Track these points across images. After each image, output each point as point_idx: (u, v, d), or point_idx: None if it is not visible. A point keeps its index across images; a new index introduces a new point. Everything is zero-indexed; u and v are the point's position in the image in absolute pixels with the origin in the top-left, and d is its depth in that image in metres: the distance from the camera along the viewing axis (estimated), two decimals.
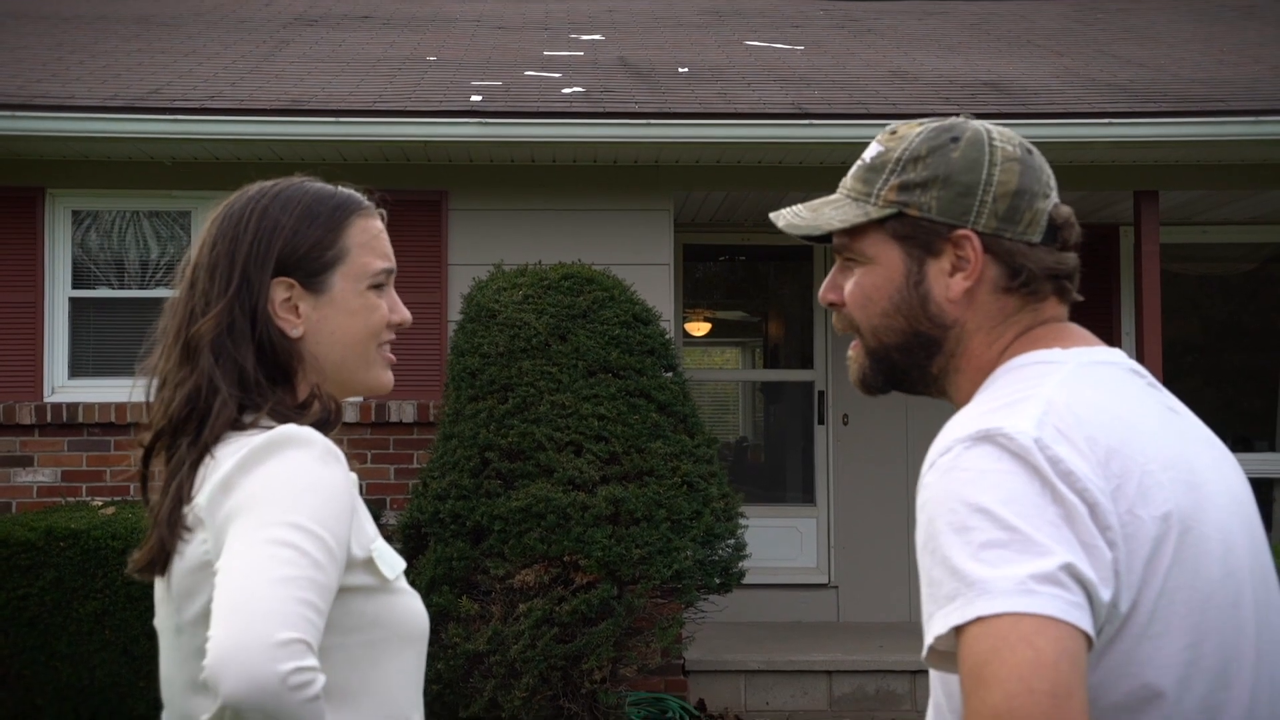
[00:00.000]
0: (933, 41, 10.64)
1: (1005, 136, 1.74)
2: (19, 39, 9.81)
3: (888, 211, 1.74)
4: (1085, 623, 1.40)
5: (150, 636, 1.97)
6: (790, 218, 1.85)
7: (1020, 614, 1.38)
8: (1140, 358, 7.91)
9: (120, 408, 7.87)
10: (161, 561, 1.82)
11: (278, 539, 1.67)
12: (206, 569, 1.75)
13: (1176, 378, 8.63)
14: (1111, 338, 9.04)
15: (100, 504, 7.40)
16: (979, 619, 1.39)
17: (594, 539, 6.55)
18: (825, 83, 8.90)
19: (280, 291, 1.92)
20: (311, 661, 1.59)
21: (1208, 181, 8.58)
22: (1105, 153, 8.13)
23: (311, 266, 1.94)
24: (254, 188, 2.00)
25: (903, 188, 1.73)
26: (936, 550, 1.47)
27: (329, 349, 1.95)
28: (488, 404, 6.85)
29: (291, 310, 1.93)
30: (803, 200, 1.90)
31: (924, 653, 1.49)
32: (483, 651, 6.55)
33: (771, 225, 1.89)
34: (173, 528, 1.80)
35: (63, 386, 8.12)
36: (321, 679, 1.60)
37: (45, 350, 8.09)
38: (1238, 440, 9.67)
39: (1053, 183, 1.74)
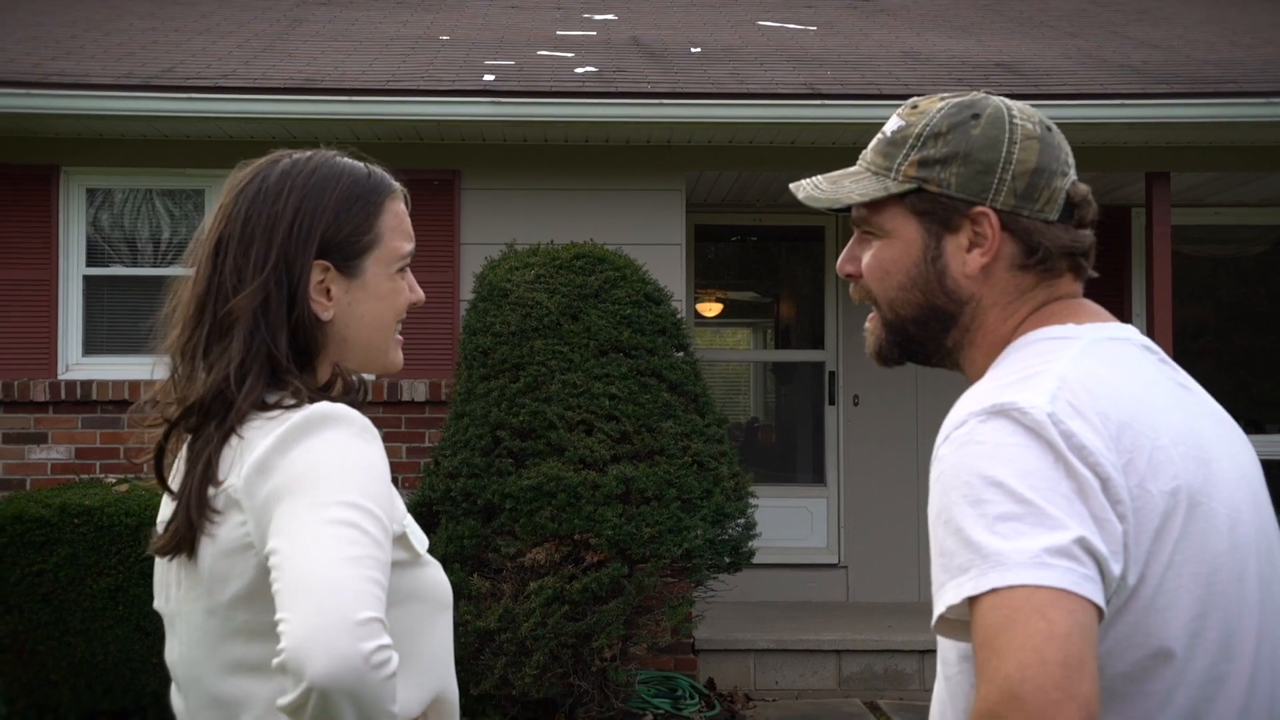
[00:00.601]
0: (945, 22, 10.62)
1: (1025, 114, 1.75)
2: (34, 17, 9.83)
3: (907, 187, 1.76)
4: (1097, 595, 1.42)
5: None
6: (810, 189, 1.87)
7: (1034, 586, 1.40)
8: (1151, 339, 7.90)
9: (134, 385, 7.89)
10: (189, 542, 1.79)
11: (337, 518, 1.64)
12: (245, 551, 1.73)
13: (1187, 360, 8.57)
14: (1123, 319, 8.96)
15: (114, 481, 7.43)
16: (993, 590, 1.42)
17: (604, 518, 6.57)
18: (838, 63, 8.89)
19: (316, 274, 1.90)
20: (388, 639, 1.58)
21: (1220, 163, 8.57)
22: (1117, 134, 8.12)
23: (349, 250, 1.92)
24: (284, 160, 1.96)
25: (923, 163, 1.75)
26: (950, 521, 1.49)
27: (356, 332, 1.94)
28: (499, 383, 6.87)
29: (323, 293, 1.91)
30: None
31: (934, 620, 1.51)
32: (493, 629, 6.58)
33: (784, 205, 1.93)
34: (201, 509, 1.77)
35: (77, 364, 8.16)
36: (396, 656, 1.59)
37: (59, 328, 8.12)
38: (1249, 423, 9.66)
39: (1071, 160, 1.76)
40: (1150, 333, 8.09)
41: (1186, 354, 8.82)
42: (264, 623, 1.71)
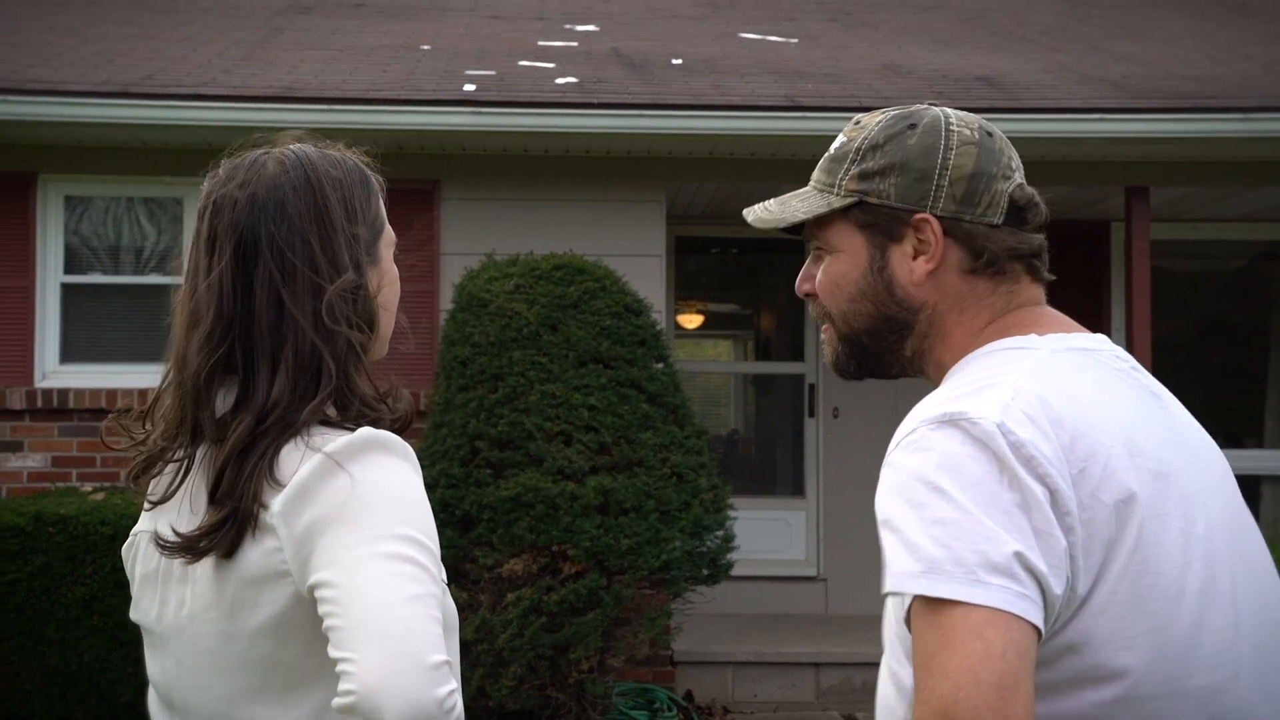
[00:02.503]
0: (926, 35, 10.65)
1: (963, 120, 1.77)
2: (11, 23, 9.79)
3: (849, 200, 1.79)
4: (1034, 615, 1.42)
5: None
6: (760, 212, 1.91)
7: (970, 605, 1.41)
8: (1130, 354, 7.92)
9: (111, 394, 7.86)
10: (228, 546, 1.68)
11: (396, 554, 1.58)
12: (278, 580, 1.65)
13: (1166, 375, 8.58)
14: (1101, 333, 9.04)
15: (90, 490, 7.40)
16: (930, 601, 1.43)
17: (583, 529, 6.56)
18: (818, 76, 8.91)
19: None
20: (455, 684, 1.55)
21: (1199, 178, 8.60)
22: (1097, 148, 8.14)
23: (372, 237, 1.86)
24: (276, 155, 1.86)
25: (862, 176, 1.77)
26: (889, 522, 1.51)
27: (383, 322, 1.88)
28: (478, 393, 6.86)
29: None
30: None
31: (903, 614, 1.52)
32: (470, 641, 6.56)
33: None
34: (251, 517, 1.67)
35: (54, 372, 8.12)
36: (461, 700, 1.56)
37: (37, 335, 8.08)
38: (1226, 437, 9.69)
39: (1015, 164, 1.76)
40: (1129, 347, 8.11)
41: (1164, 368, 8.84)
42: (289, 652, 1.67)
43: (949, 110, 1.78)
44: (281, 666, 1.68)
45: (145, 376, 7.89)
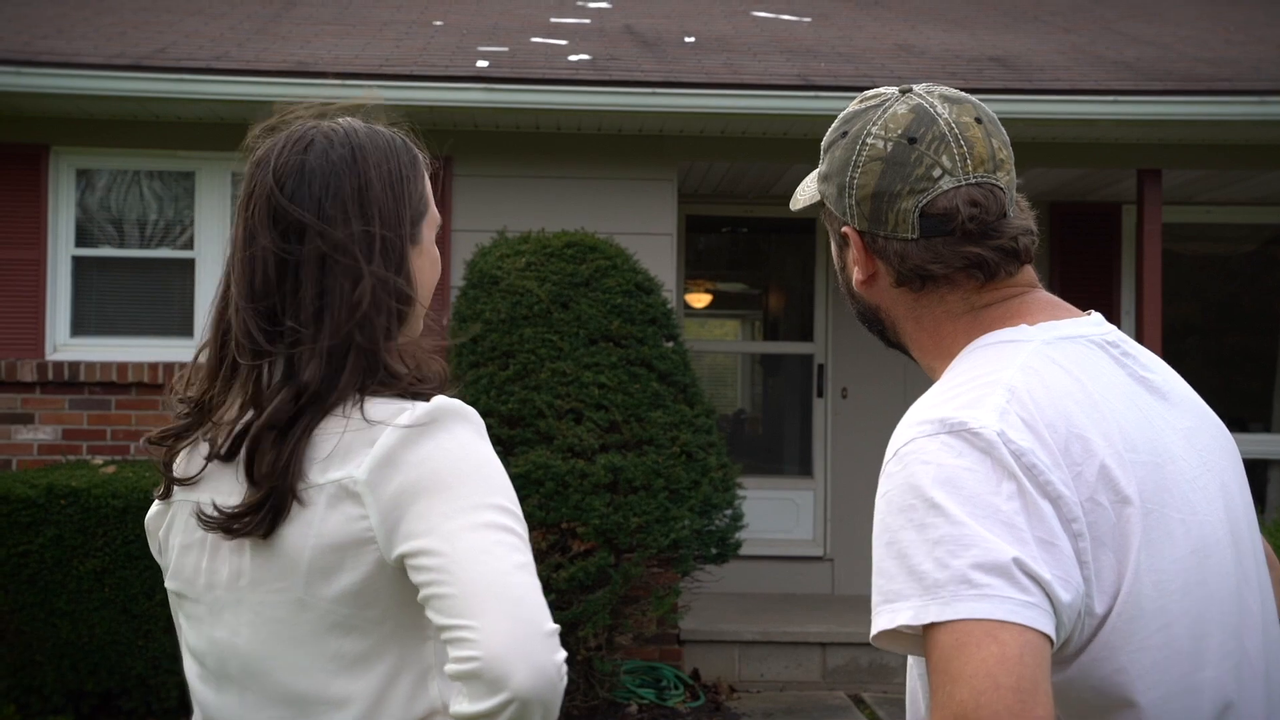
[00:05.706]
0: (940, 16, 10.62)
1: (887, 128, 1.68)
2: None
3: (816, 198, 1.79)
4: (1043, 623, 1.40)
5: (149, 595, 1.89)
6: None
7: (978, 619, 1.39)
8: (1140, 337, 7.92)
9: (121, 367, 7.88)
10: (268, 525, 1.69)
11: (494, 523, 1.62)
12: (362, 546, 1.66)
13: (1176, 358, 8.60)
14: (1112, 317, 9.03)
15: (101, 462, 7.42)
16: (932, 623, 1.42)
17: (592, 507, 6.57)
18: (831, 55, 8.89)
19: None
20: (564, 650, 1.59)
21: (1211, 161, 8.58)
22: (1110, 130, 8.12)
23: (413, 215, 1.84)
24: (325, 128, 1.84)
25: (820, 177, 1.77)
26: (893, 543, 1.49)
27: (418, 303, 1.85)
28: (489, 370, 6.87)
29: None
30: (805, 173, 1.93)
31: (871, 635, 1.52)
32: None
33: (775, 197, 1.95)
34: (291, 495, 1.68)
35: (65, 345, 8.14)
36: None
37: (47, 308, 8.10)
38: (1233, 421, 9.68)
39: (936, 172, 1.64)
40: (1139, 330, 8.10)
41: (1175, 353, 8.84)
42: (365, 617, 1.68)
43: (890, 110, 1.70)
44: (356, 633, 1.69)
45: (156, 350, 7.94)
